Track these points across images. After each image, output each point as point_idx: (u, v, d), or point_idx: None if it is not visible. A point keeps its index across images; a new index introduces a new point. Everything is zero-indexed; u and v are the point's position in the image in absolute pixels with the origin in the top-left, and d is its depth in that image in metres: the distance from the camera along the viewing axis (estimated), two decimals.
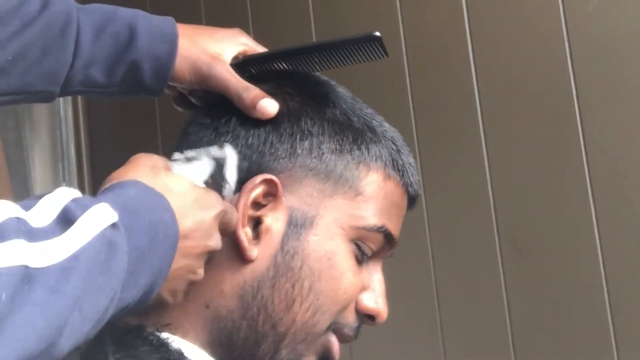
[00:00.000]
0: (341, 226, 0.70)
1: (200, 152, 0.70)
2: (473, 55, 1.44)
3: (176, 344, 0.66)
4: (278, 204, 0.70)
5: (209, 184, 0.68)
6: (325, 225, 0.70)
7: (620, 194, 1.28)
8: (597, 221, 1.29)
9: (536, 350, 1.36)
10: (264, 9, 1.80)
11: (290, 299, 0.68)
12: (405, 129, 1.50)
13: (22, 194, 1.96)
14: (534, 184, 1.37)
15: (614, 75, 1.29)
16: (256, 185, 0.69)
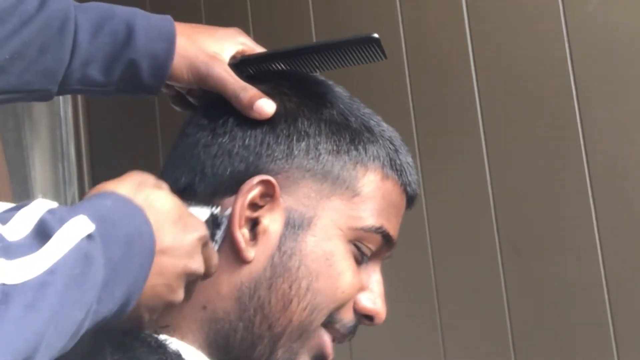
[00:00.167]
0: (339, 227, 0.70)
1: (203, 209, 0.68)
2: (473, 55, 1.44)
3: (174, 345, 0.66)
4: (275, 205, 0.69)
5: None
6: (323, 226, 0.70)
7: (620, 194, 1.28)
8: (597, 221, 1.29)
9: (536, 350, 1.36)
10: (264, 9, 1.80)
11: (287, 299, 0.68)
12: (405, 129, 1.50)
13: (22, 194, 1.96)
14: (534, 184, 1.37)
15: (614, 75, 1.29)
16: (253, 186, 0.69)
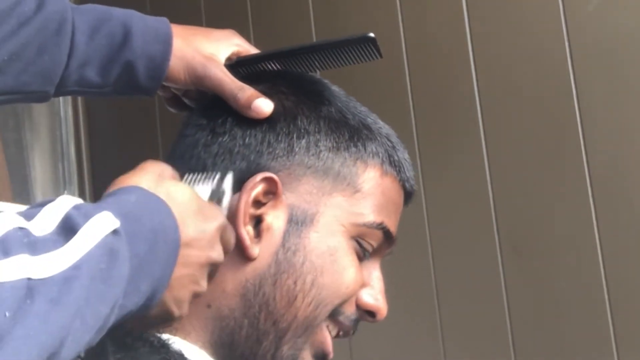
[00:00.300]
0: (341, 223, 0.71)
1: (203, 177, 0.69)
2: (473, 55, 1.44)
3: (177, 345, 0.66)
4: (278, 202, 0.70)
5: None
6: (326, 222, 0.70)
7: (620, 194, 1.28)
8: (597, 221, 1.29)
9: (536, 350, 1.36)
10: (264, 9, 1.80)
11: (292, 295, 0.68)
12: (405, 129, 1.50)
13: (22, 194, 1.96)
14: (534, 184, 1.37)
15: (614, 75, 1.29)
16: (256, 184, 0.69)
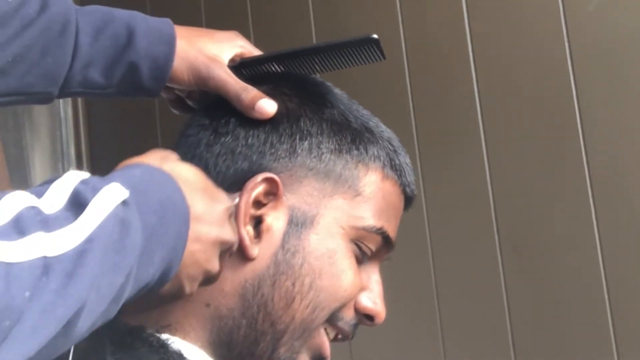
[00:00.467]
0: (341, 226, 0.71)
1: None
2: (473, 55, 1.44)
3: (176, 345, 0.66)
4: (279, 203, 0.70)
5: None
6: (326, 224, 0.70)
7: (620, 194, 1.28)
8: (597, 221, 1.29)
9: (536, 350, 1.36)
10: (264, 9, 1.80)
11: (290, 296, 0.68)
12: (405, 130, 1.50)
13: None
14: (534, 184, 1.37)
15: (614, 75, 1.29)
16: (257, 184, 0.69)
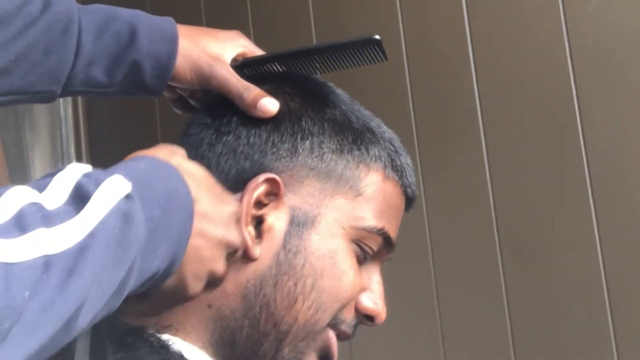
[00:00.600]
0: (342, 226, 0.71)
1: None
2: (473, 55, 1.44)
3: (176, 346, 0.66)
4: (280, 203, 0.70)
5: None
6: (327, 224, 0.70)
7: (620, 194, 1.28)
8: (597, 221, 1.29)
9: (536, 350, 1.36)
10: (264, 9, 1.80)
11: (293, 297, 0.68)
12: (406, 130, 1.50)
13: None
14: (534, 184, 1.37)
15: (614, 75, 1.29)
16: (259, 184, 0.69)
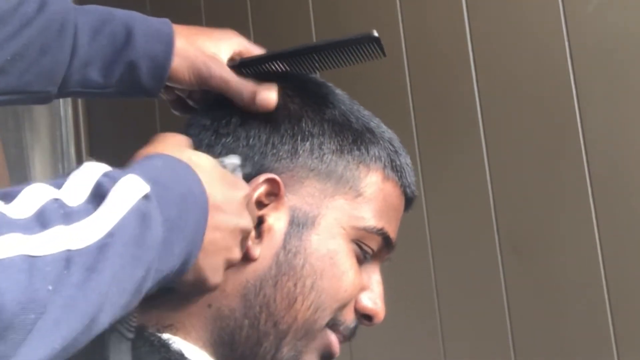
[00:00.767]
0: (342, 226, 0.71)
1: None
2: (473, 55, 1.44)
3: (177, 345, 0.66)
4: (280, 204, 0.70)
5: None
6: (327, 224, 0.71)
7: (620, 194, 1.28)
8: (597, 221, 1.29)
9: (536, 350, 1.36)
10: (264, 9, 1.80)
11: (292, 297, 0.68)
12: (406, 130, 1.50)
13: None
14: (534, 184, 1.37)
15: (614, 75, 1.29)
16: (259, 185, 0.69)
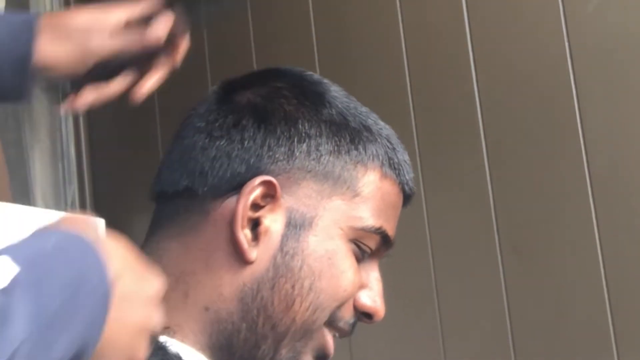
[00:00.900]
0: (340, 226, 0.71)
1: None
2: (473, 55, 1.44)
3: (174, 347, 0.66)
4: (276, 206, 0.70)
5: None
6: (325, 225, 0.70)
7: (620, 194, 1.28)
8: (597, 221, 1.29)
9: (536, 350, 1.36)
10: (264, 8, 1.80)
11: (290, 299, 0.68)
12: (406, 129, 1.50)
13: (22, 194, 1.96)
14: (534, 184, 1.37)
15: (614, 75, 1.29)
16: (255, 187, 0.69)
